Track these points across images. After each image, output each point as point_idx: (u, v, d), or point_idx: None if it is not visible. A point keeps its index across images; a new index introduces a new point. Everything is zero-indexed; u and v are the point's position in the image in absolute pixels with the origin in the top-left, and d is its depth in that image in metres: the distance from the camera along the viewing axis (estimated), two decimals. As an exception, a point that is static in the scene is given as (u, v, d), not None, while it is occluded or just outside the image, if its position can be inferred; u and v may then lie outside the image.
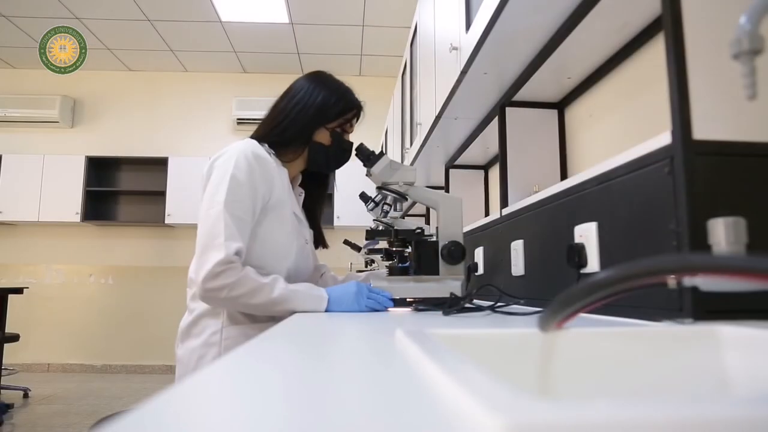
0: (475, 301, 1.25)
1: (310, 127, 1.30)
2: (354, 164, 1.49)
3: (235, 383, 0.38)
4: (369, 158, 1.39)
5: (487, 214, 2.60)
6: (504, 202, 1.70)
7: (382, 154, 1.40)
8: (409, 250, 1.47)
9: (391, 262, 1.66)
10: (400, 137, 3.49)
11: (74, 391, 4.37)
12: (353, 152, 1.40)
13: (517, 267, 1.49)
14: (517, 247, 1.49)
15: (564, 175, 1.71)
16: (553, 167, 1.72)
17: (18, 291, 3.95)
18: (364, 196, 1.50)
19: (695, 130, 0.78)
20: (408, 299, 1.33)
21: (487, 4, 1.32)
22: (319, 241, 1.47)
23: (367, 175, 1.41)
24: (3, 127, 5.45)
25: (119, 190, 5.48)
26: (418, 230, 1.42)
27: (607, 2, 1.15)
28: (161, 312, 5.25)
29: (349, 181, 1.48)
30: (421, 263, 1.41)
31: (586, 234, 1.05)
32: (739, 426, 0.22)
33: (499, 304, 1.12)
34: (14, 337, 3.93)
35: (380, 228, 1.45)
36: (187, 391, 0.33)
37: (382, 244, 1.68)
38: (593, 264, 1.03)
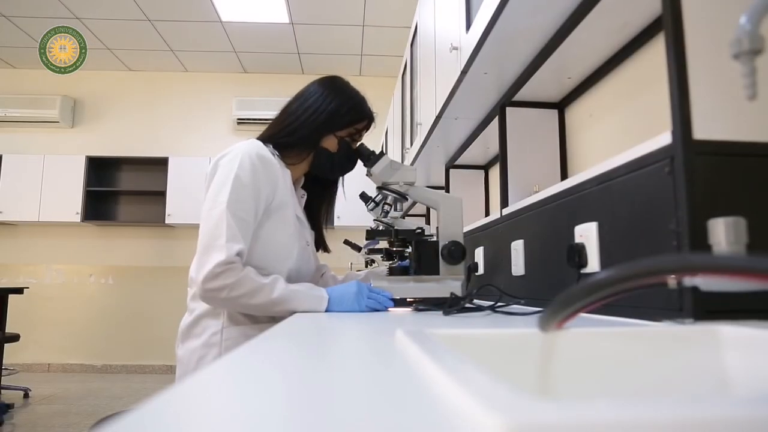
0: (475, 301, 1.25)
1: (318, 132, 1.30)
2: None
3: (235, 383, 0.38)
4: (369, 158, 1.39)
5: (487, 214, 2.60)
6: (504, 202, 1.70)
7: (382, 154, 1.40)
8: (410, 250, 1.47)
9: (391, 262, 1.66)
10: (400, 137, 3.48)
11: (74, 391, 4.37)
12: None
13: (518, 267, 1.49)
14: (518, 247, 1.49)
15: (564, 175, 1.71)
16: (553, 167, 1.72)
17: (18, 291, 3.95)
18: (364, 196, 1.50)
19: (695, 130, 0.78)
20: (408, 299, 1.33)
21: (488, 4, 1.32)
22: (320, 244, 1.47)
23: (367, 175, 1.41)
24: (3, 127, 5.45)
25: (119, 190, 5.48)
26: (419, 230, 1.42)
27: (607, 2, 1.15)
28: (161, 312, 5.25)
29: (350, 181, 1.48)
30: (421, 263, 1.41)
31: (587, 234, 1.05)
32: (739, 426, 0.22)
33: (499, 304, 1.12)
34: (14, 337, 3.93)
35: (380, 228, 1.45)
36: (187, 391, 0.33)
37: (383, 244, 1.68)
38: (593, 264, 1.03)
